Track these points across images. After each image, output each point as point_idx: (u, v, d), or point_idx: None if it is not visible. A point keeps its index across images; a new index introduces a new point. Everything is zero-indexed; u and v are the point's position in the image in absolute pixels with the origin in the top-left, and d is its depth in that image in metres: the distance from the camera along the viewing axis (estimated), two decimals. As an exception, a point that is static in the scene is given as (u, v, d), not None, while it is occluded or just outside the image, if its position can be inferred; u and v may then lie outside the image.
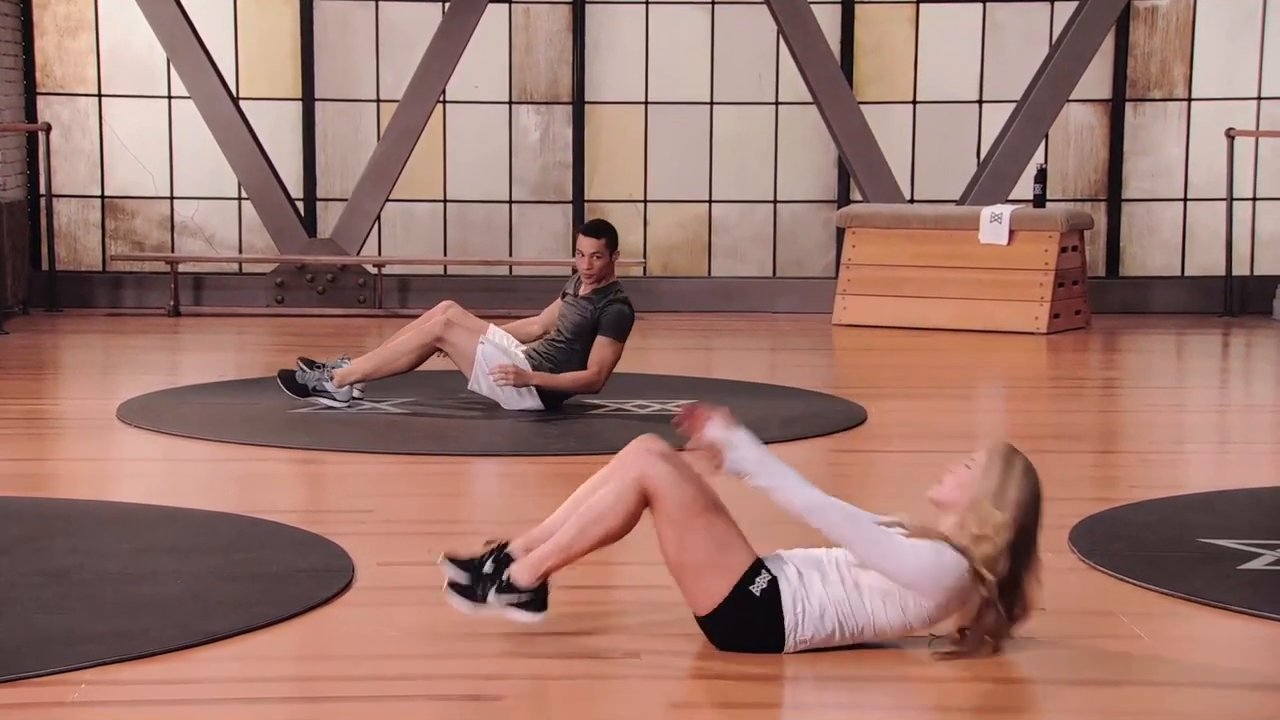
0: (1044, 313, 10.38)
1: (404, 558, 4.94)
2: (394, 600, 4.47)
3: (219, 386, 8.10)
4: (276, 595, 4.40)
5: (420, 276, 11.75)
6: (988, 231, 10.55)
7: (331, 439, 6.73)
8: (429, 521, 5.50)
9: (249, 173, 11.47)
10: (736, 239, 12.14)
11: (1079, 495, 5.91)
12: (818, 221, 12.13)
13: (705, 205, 12.07)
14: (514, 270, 11.90)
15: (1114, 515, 5.50)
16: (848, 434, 7.04)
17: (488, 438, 6.87)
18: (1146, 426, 7.51)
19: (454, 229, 12.10)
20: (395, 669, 3.88)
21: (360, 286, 11.53)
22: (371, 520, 5.40)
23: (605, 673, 3.88)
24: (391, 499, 5.80)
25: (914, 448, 6.85)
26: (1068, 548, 5.02)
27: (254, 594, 4.42)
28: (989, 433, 7.61)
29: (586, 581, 4.32)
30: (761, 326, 10.97)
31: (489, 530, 5.46)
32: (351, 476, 6.21)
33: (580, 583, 4.28)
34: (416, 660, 3.94)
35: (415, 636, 4.13)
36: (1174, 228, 12.08)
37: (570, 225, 12.01)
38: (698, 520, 3.89)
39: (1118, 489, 6.17)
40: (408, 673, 3.86)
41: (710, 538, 3.90)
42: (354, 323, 11.01)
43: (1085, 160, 12.10)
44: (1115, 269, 12.08)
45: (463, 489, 6.13)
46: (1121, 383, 8.95)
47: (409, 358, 7.35)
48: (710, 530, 3.90)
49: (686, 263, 12.11)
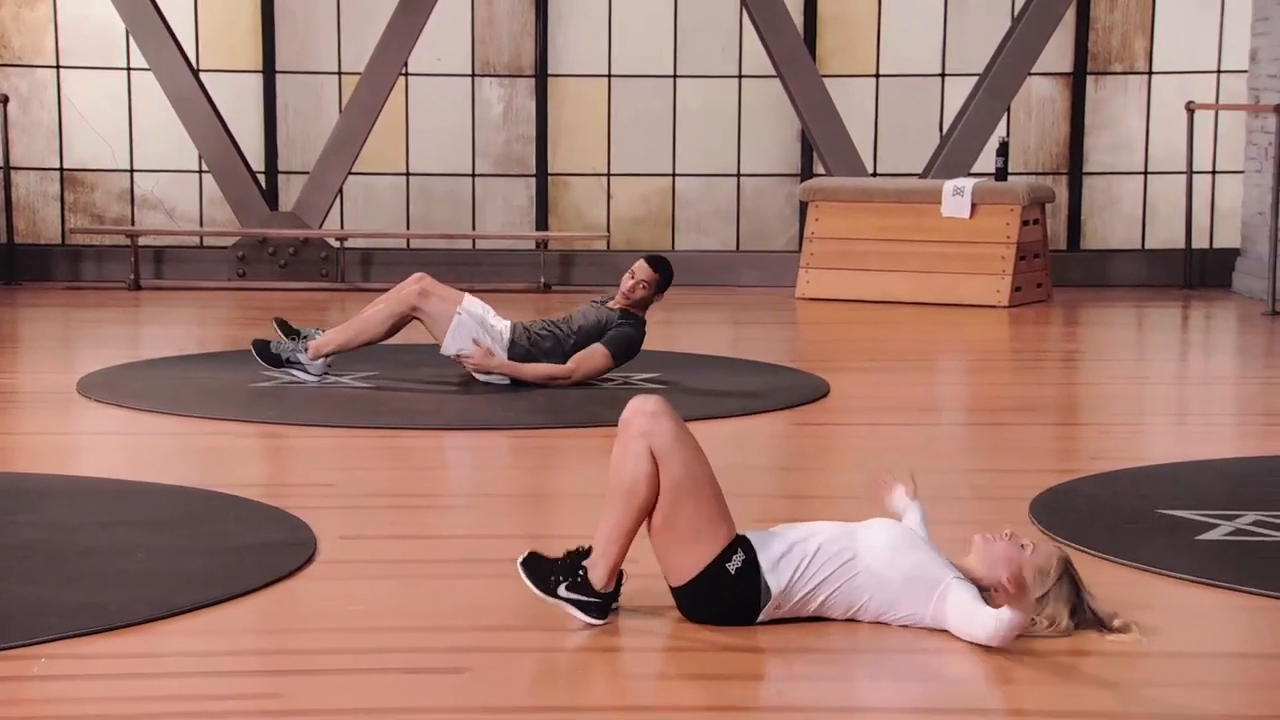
0: (1005, 286, 10.42)
1: (367, 531, 4.93)
2: (357, 574, 4.46)
3: (180, 360, 8.06)
4: (238, 569, 4.39)
5: (383, 250, 11.71)
6: (950, 205, 10.58)
7: (293, 413, 6.71)
8: (392, 495, 5.48)
9: (209, 145, 11.41)
10: (700, 213, 12.14)
11: (1039, 467, 5.95)
12: (781, 195, 12.14)
13: (669, 179, 12.07)
14: (477, 244, 11.88)
15: (1074, 487, 5.53)
16: (810, 407, 7.06)
17: (453, 412, 6.86)
18: (1107, 399, 7.56)
19: (417, 203, 12.06)
20: (360, 642, 3.88)
21: (322, 260, 11.48)
22: (333, 494, 5.39)
23: (577, 645, 3.89)
24: (354, 473, 5.79)
25: (876, 420, 6.87)
26: (1028, 519, 5.05)
27: (216, 567, 4.41)
28: (952, 406, 7.66)
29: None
30: (725, 300, 10.97)
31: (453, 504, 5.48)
32: (313, 451, 6.19)
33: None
34: (382, 634, 3.94)
35: (380, 610, 4.12)
36: (1134, 201, 12.15)
37: (534, 199, 11.99)
38: (695, 487, 3.89)
39: (1078, 461, 6.21)
40: (373, 646, 3.85)
41: (699, 508, 3.90)
42: (316, 296, 10.97)
43: (1047, 134, 12.15)
44: (1076, 242, 12.14)
45: (427, 463, 6.12)
46: (1082, 355, 9.01)
47: (383, 327, 7.31)
48: (701, 500, 3.90)
49: (650, 237, 12.11)
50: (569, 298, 11.01)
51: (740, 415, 6.87)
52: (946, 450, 6.42)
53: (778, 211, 12.17)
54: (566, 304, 10.69)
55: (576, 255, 11.75)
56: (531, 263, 11.49)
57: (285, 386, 7.28)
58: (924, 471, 5.83)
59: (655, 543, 3.97)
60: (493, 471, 6.05)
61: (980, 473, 5.96)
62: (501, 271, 11.38)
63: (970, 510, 5.26)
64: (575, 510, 5.28)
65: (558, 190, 12.11)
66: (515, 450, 6.31)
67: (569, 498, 5.63)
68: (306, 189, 11.50)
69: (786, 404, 7.08)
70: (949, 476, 5.79)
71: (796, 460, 6.36)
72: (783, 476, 6.03)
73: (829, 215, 10.91)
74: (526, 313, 8.93)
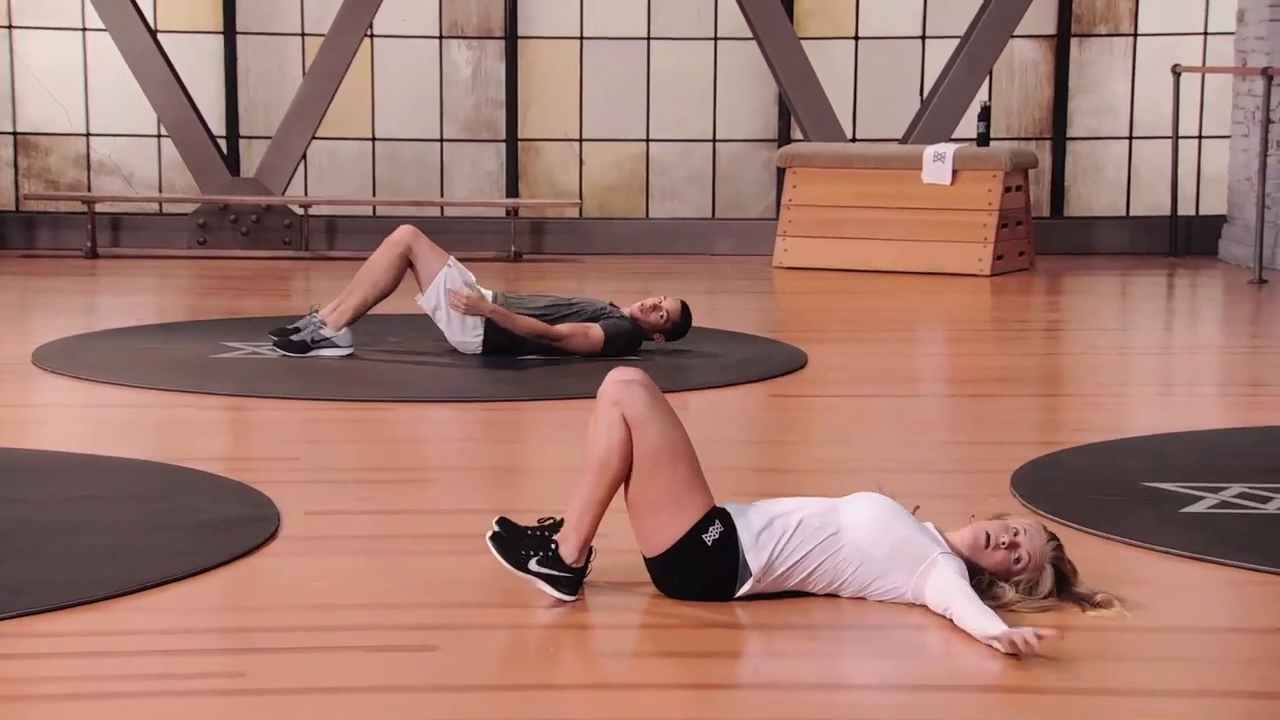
0: (987, 254, 10.44)
1: (332, 506, 4.92)
2: (322, 550, 4.46)
3: (139, 331, 8.03)
4: (200, 545, 4.38)
5: (348, 218, 11.67)
6: (930, 171, 10.58)
7: (256, 385, 6.69)
8: (357, 469, 5.48)
9: (168, 109, 11.34)
10: (674, 179, 12.13)
11: (1021, 439, 5.97)
12: (757, 161, 12.13)
13: (642, 144, 12.04)
14: (445, 211, 11.84)
15: (1056, 459, 5.55)
16: (787, 378, 7.07)
17: (421, 383, 6.85)
18: (1090, 369, 7.58)
19: (383, 168, 12.01)
20: (325, 620, 3.88)
21: (286, 228, 11.44)
22: (298, 468, 5.39)
23: (548, 621, 3.90)
24: (319, 446, 5.78)
25: (855, 392, 6.88)
26: (1009, 492, 5.07)
27: (177, 543, 4.40)
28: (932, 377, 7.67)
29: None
30: (700, 269, 10.97)
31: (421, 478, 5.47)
32: (277, 423, 6.18)
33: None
34: (347, 611, 3.94)
35: (345, 587, 4.12)
36: (1119, 166, 12.17)
37: (504, 164, 11.96)
38: (671, 455, 3.90)
39: (1060, 432, 6.23)
40: (338, 624, 3.85)
41: (676, 476, 3.91)
42: (279, 265, 10.93)
43: (1029, 97, 12.16)
44: (1060, 209, 12.16)
45: (394, 436, 6.11)
46: (1065, 325, 9.03)
47: (388, 275, 7.25)
48: (677, 469, 3.91)
49: (623, 204, 12.09)
50: (540, 267, 10.99)
51: (715, 387, 6.87)
52: (927, 422, 6.43)
53: (754, 178, 12.16)
54: (537, 274, 10.70)
55: (548, 223, 11.73)
56: (501, 231, 11.47)
57: (247, 358, 7.26)
58: (904, 444, 5.88)
59: (631, 513, 3.97)
60: (462, 444, 6.04)
61: (961, 445, 5.98)
62: (470, 240, 11.35)
63: (951, 484, 5.27)
64: (547, 484, 5.28)
65: (528, 156, 12.07)
66: (485, 423, 6.30)
67: (541, 471, 5.63)
68: (269, 154, 11.44)
69: (762, 375, 7.08)
70: (929, 449, 5.80)
71: (773, 433, 6.37)
72: (758, 450, 6.04)
73: (807, 182, 10.91)
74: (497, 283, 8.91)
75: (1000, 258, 10.54)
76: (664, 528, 3.92)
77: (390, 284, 7.29)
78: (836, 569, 3.95)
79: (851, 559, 3.94)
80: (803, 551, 3.94)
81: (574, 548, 3.95)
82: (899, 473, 5.31)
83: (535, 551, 3.96)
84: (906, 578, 3.90)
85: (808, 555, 3.94)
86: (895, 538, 3.92)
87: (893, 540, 3.92)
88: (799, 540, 3.94)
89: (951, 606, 3.80)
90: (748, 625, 3.88)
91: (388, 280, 7.27)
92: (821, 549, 3.94)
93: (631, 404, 3.92)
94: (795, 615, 3.92)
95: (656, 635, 3.87)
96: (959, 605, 3.78)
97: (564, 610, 3.93)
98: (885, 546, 3.92)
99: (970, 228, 10.50)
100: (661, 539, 3.93)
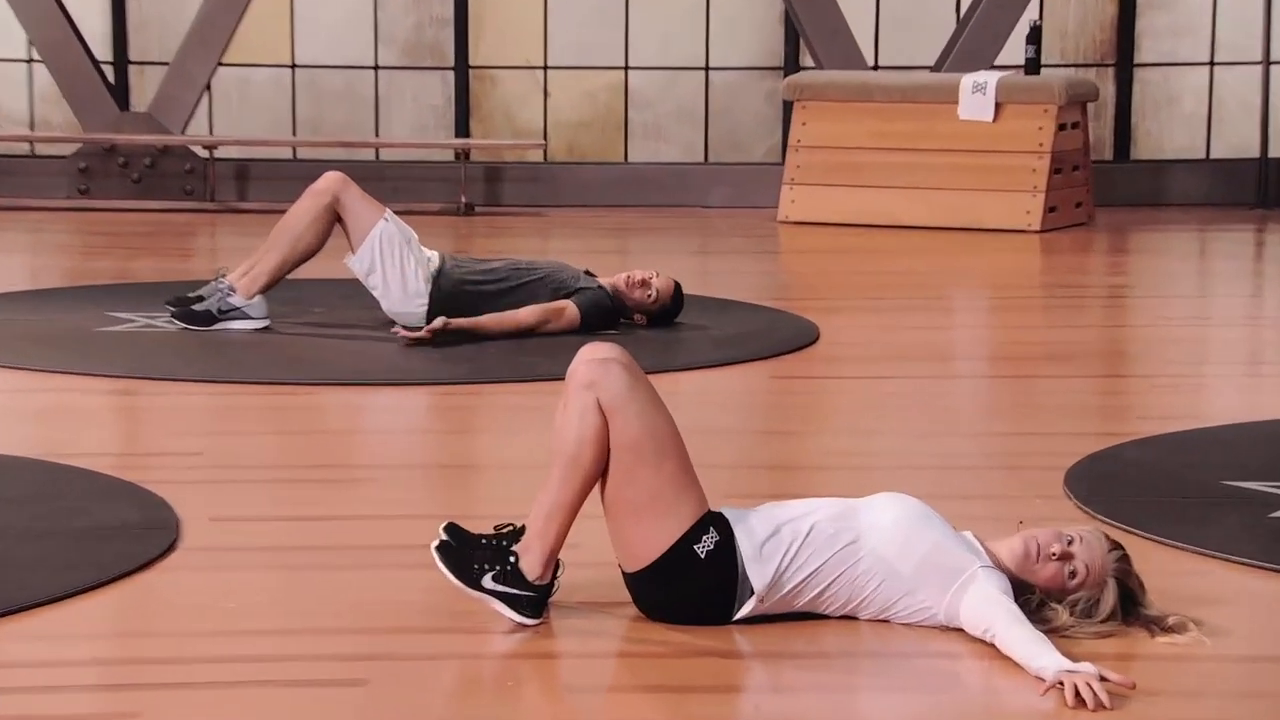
0: (1037, 206, 10.46)
1: (243, 511, 4.93)
2: (231, 564, 4.46)
3: (8, 299, 8.01)
4: (83, 558, 4.38)
5: (262, 162, 11.65)
6: (968, 105, 10.59)
7: (152, 364, 6.68)
8: (274, 466, 5.48)
9: (42, 29, 11.30)
10: (659, 115, 12.12)
11: (1077, 430, 5.99)
12: (759, 94, 12.13)
13: (620, 73, 12.03)
14: (381, 154, 11.82)
15: (1118, 454, 5.56)
16: (794, 356, 7.08)
17: (352, 361, 6.85)
18: (1160, 345, 7.61)
19: (305, 102, 11.99)
20: (234, 649, 3.88)
21: (186, 174, 11.42)
22: (202, 465, 5.38)
23: (505, 650, 3.90)
24: (227, 438, 5.78)
25: (875, 373, 6.90)
26: (1063, 493, 5.09)
27: (55, 556, 4.39)
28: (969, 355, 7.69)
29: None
30: (690, 224, 10.97)
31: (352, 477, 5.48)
32: (177, 411, 6.17)
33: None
34: (261, 638, 3.95)
35: (259, 609, 4.12)
36: (1198, 98, 12.19)
37: (452, 97, 11.94)
38: (656, 449, 3.91)
39: (1124, 422, 6.25)
40: (250, 653, 3.86)
41: (661, 473, 3.92)
42: (178, 219, 10.91)
43: (1089, 16, 12.17)
44: (1125, 151, 12.18)
45: (319, 426, 6.11)
46: (1130, 291, 9.05)
47: (312, 231, 7.23)
48: (663, 465, 3.92)
49: (597, 145, 12.08)
50: (496, 221, 10.99)
51: (708, 366, 6.88)
52: (961, 409, 6.45)
53: (755, 114, 12.16)
54: (493, 229, 10.69)
55: (506, 169, 11.72)
56: (449, 178, 11.45)
57: (141, 331, 7.25)
58: (933, 435, 5.91)
59: (608, 518, 3.99)
60: (402, 436, 6.05)
61: (1004, 436, 6.00)
62: (412, 189, 11.33)
63: (991, 483, 5.30)
64: (505, 484, 5.28)
65: (482, 87, 12.06)
66: (431, 409, 6.31)
67: (498, 468, 5.63)
68: (165, 84, 11.42)
69: (765, 352, 7.09)
70: (964, 441, 5.83)
71: (776, 422, 6.38)
72: (759, 442, 6.05)
73: (819, 119, 10.91)
74: (444, 241, 8.92)
75: (1053, 210, 10.56)
76: (648, 537, 3.93)
77: (314, 242, 7.28)
78: (855, 585, 3.96)
79: (873, 572, 3.95)
80: (815, 564, 3.95)
81: (538, 560, 3.96)
82: (927, 469, 5.33)
83: (491, 565, 3.96)
84: (939, 595, 3.91)
85: (821, 568, 3.95)
86: (926, 547, 3.93)
87: (923, 550, 3.93)
88: (810, 550, 3.95)
89: (994, 627, 3.80)
90: (746, 654, 3.89)
91: (311, 238, 7.27)
92: (837, 560, 3.95)
93: (607, 386, 3.93)
94: (802, 641, 3.93)
95: (636, 666, 3.88)
96: (1003, 626, 3.79)
97: (525, 636, 3.94)
98: (914, 557, 3.93)
99: (1017, 174, 10.52)
100: (645, 550, 3.94)
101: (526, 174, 11.75)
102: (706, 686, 3.76)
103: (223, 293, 7.24)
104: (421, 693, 3.69)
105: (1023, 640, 3.74)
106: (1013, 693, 3.69)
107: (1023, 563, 3.96)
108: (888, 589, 3.95)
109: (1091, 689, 3.53)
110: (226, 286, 7.25)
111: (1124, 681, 3.58)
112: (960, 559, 3.92)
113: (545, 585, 3.99)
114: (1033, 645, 3.72)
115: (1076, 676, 3.57)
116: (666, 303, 7.43)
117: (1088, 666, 3.59)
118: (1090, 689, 3.53)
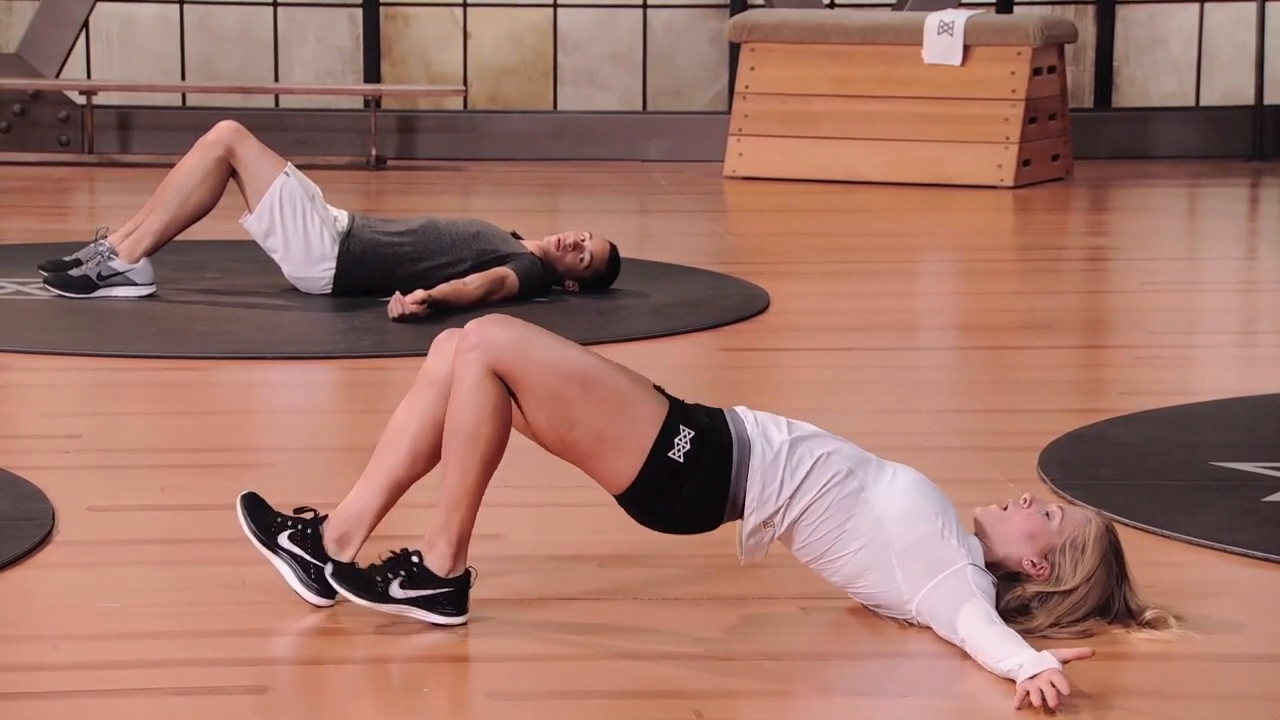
0: (1010, 159, 10.49)
1: (125, 500, 4.91)
2: (112, 558, 4.45)
3: None
4: (-54, 554, 4.35)
5: (147, 109, 11.59)
6: (934, 47, 10.61)
7: (20, 335, 6.65)
8: (161, 450, 5.46)
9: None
10: (592, 59, 12.10)
11: (1053, 406, 6.02)
12: (703, 35, 12.12)
13: (548, 10, 12.01)
14: (281, 101, 11.77)
15: (1099, 432, 5.59)
16: (743, 326, 7.09)
17: (250, 333, 6.83)
18: (1144, 312, 7.64)
19: (195, 43, 11.92)
20: (117, 653, 3.86)
21: (61, 122, 11.35)
22: (79, 449, 5.37)
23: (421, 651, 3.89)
24: (108, 419, 5.77)
25: (832, 344, 6.91)
26: (1038, 475, 5.11)
27: (-86, 553, 4.37)
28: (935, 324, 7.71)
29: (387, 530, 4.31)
30: (627, 180, 10.96)
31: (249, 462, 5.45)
32: (51, 388, 6.15)
33: (381, 532, 4.27)
34: (147, 641, 3.93)
35: (144, 608, 4.10)
36: (1187, 40, 12.24)
37: (361, 38, 11.89)
38: (580, 383, 3.92)
39: (1105, 397, 6.29)
40: (134, 658, 3.84)
41: (598, 403, 3.93)
42: (52, 173, 10.85)
43: (1067, -50, 12.20)
44: (1107, 98, 12.23)
45: (211, 405, 6.09)
46: (1113, 253, 9.09)
47: (203, 187, 7.18)
48: (595, 393, 3.93)
49: (522, 92, 12.06)
50: (410, 176, 10.95)
51: (649, 337, 6.88)
52: (928, 384, 6.47)
53: (699, 58, 12.15)
54: (406, 185, 10.66)
55: (421, 118, 11.69)
56: (358, 128, 11.42)
57: (10, 299, 7.21)
58: (896, 412, 5.92)
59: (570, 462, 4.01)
60: (305, 416, 6.03)
61: (974, 414, 6.02)
62: (316, 140, 11.29)
63: (961, 465, 5.30)
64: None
65: (394, 27, 12.02)
66: (334, 386, 6.28)
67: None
68: (36, 22, 11.34)
69: (711, 322, 7.10)
70: (930, 419, 5.84)
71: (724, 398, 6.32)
72: (704, 421, 6.05)
73: (769, 63, 10.91)
74: (353, 199, 8.87)
75: (1027, 164, 10.59)
76: (617, 467, 3.97)
77: (206, 200, 7.25)
78: (839, 536, 3.97)
79: (861, 532, 3.96)
80: (817, 486, 3.97)
81: (446, 554, 3.95)
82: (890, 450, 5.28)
83: (394, 574, 3.94)
84: (919, 583, 3.92)
85: (821, 495, 3.97)
86: (927, 529, 3.94)
87: (922, 531, 3.94)
88: (818, 477, 3.97)
89: (963, 623, 3.82)
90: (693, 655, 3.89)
91: (203, 194, 7.23)
92: (837, 495, 3.97)
93: (494, 343, 3.92)
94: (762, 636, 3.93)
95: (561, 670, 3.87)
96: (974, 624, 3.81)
97: (440, 637, 3.93)
98: (910, 535, 3.94)
99: (987, 124, 10.54)
100: (618, 479, 3.98)
101: (444, 124, 11.71)
102: (643, 691, 3.75)
103: (103, 256, 7.20)
104: (325, 700, 3.69)
105: (992, 639, 3.76)
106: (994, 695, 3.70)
107: (996, 526, 3.98)
108: (866, 555, 3.97)
109: (1054, 687, 3.57)
110: (107, 249, 7.20)
111: (1081, 653, 3.64)
112: (951, 551, 3.94)
113: (460, 576, 3.97)
114: (1001, 645, 3.74)
115: (1039, 681, 3.60)
116: (601, 267, 7.42)
117: (1049, 660, 3.62)
118: (1053, 688, 3.57)
